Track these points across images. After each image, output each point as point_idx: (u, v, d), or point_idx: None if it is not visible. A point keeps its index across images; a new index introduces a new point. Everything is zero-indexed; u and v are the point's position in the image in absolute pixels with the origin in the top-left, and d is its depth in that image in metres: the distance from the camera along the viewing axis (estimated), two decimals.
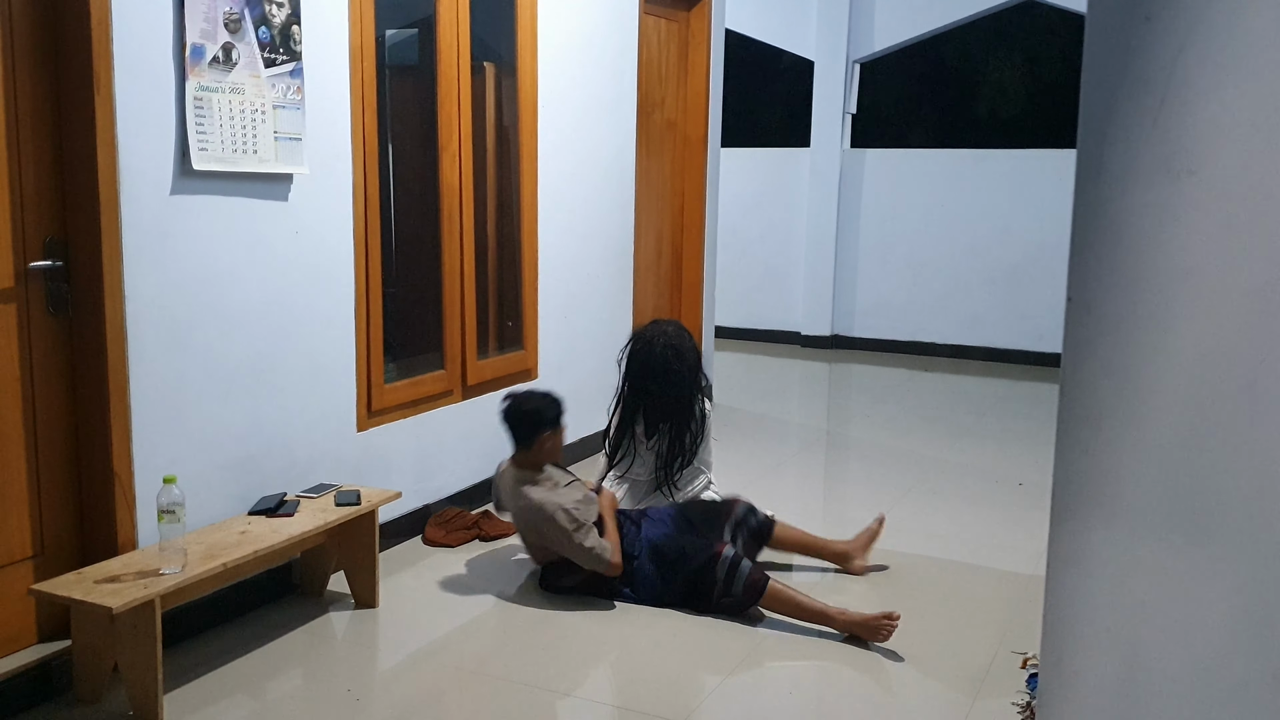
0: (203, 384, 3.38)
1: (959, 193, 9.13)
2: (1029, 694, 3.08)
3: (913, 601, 3.87)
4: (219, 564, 3.05)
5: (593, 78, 5.47)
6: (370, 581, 3.68)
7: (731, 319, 9.63)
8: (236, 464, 3.53)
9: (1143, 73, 1.29)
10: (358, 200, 3.96)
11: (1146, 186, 1.30)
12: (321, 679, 3.21)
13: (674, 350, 4.09)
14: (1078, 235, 1.39)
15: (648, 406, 4.16)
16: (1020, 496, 5.15)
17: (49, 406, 3.05)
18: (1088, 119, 1.35)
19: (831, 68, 9.47)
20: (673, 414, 4.15)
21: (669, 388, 4.11)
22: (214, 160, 3.32)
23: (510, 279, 5.07)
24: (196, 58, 3.24)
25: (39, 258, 3.00)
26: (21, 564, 3.01)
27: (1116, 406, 1.36)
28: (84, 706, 2.95)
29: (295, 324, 3.73)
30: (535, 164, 5.03)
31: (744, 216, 9.76)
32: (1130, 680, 1.42)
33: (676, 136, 6.62)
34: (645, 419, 4.18)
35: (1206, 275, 1.28)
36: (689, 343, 4.19)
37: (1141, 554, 1.38)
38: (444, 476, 4.58)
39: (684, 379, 4.12)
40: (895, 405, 7.52)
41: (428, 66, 4.43)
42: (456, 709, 3.13)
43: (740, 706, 3.10)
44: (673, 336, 4.13)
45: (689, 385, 4.14)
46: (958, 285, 9.17)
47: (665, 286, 6.66)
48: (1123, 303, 1.33)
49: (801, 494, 5.41)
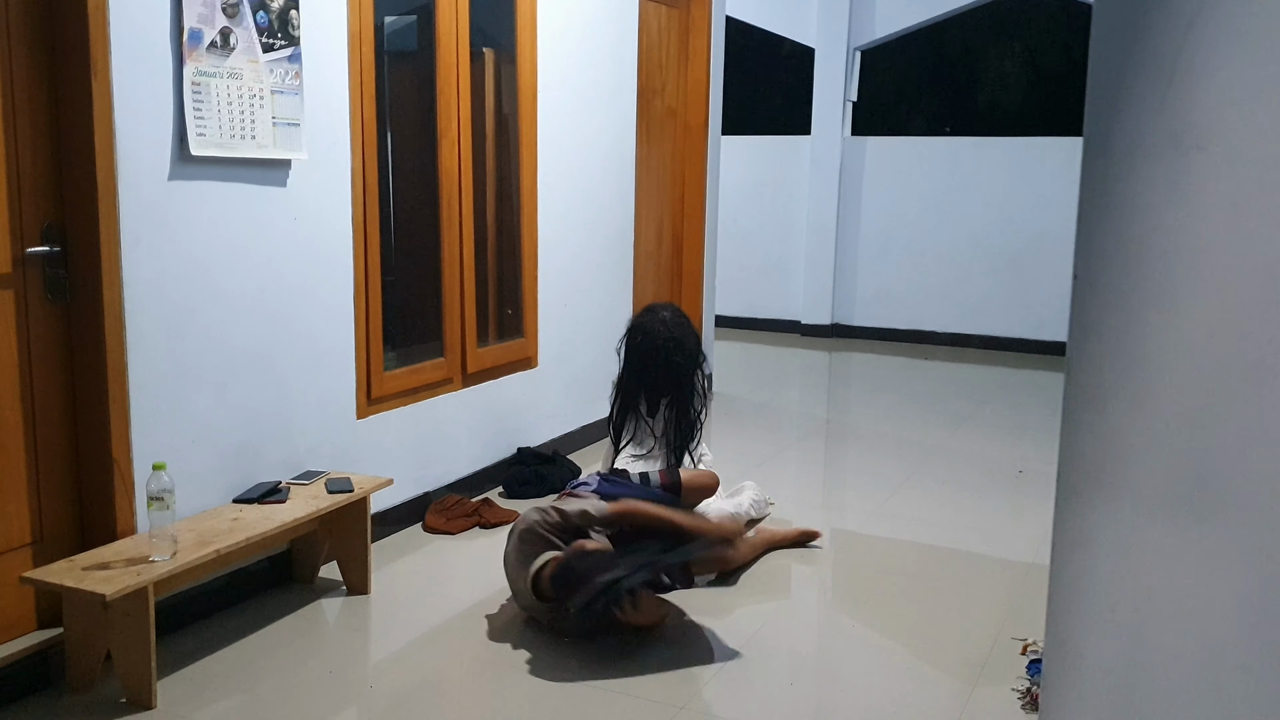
0: (202, 371, 3.37)
1: (960, 181, 9.11)
2: (1029, 680, 3.08)
3: (912, 588, 3.86)
4: (211, 551, 3.04)
5: (593, 65, 5.45)
6: (363, 568, 3.67)
7: (732, 308, 9.62)
8: (236, 451, 3.52)
9: (1152, 48, 1.27)
10: (356, 186, 3.94)
11: (1155, 163, 1.28)
12: (312, 666, 3.20)
13: (675, 342, 4.11)
14: (1084, 212, 1.38)
15: (649, 390, 4.17)
16: (1020, 484, 5.14)
17: (47, 393, 3.04)
18: (1095, 94, 1.34)
19: (832, 55, 9.44)
20: (675, 394, 4.17)
21: (672, 375, 4.12)
22: (212, 146, 3.30)
23: (510, 267, 5.05)
24: (194, 42, 3.22)
25: (37, 243, 2.98)
26: (20, 550, 2.99)
27: (1123, 386, 1.35)
28: (78, 694, 2.95)
29: (294, 311, 3.72)
30: (535, 151, 5.01)
31: (744, 205, 9.74)
32: (1135, 662, 1.41)
33: (677, 124, 6.60)
34: (647, 401, 4.19)
35: (1215, 253, 1.26)
36: (689, 329, 4.20)
37: (1148, 535, 1.37)
38: (444, 464, 4.57)
39: (686, 368, 4.15)
40: (895, 394, 7.51)
41: (427, 53, 4.41)
42: (451, 695, 3.12)
43: (740, 695, 3.09)
44: (673, 326, 4.13)
45: (692, 371, 4.17)
46: (958, 274, 9.15)
47: (665, 275, 6.64)
48: (1129, 281, 1.32)
49: (801, 482, 5.40)
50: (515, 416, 5.05)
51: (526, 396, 5.13)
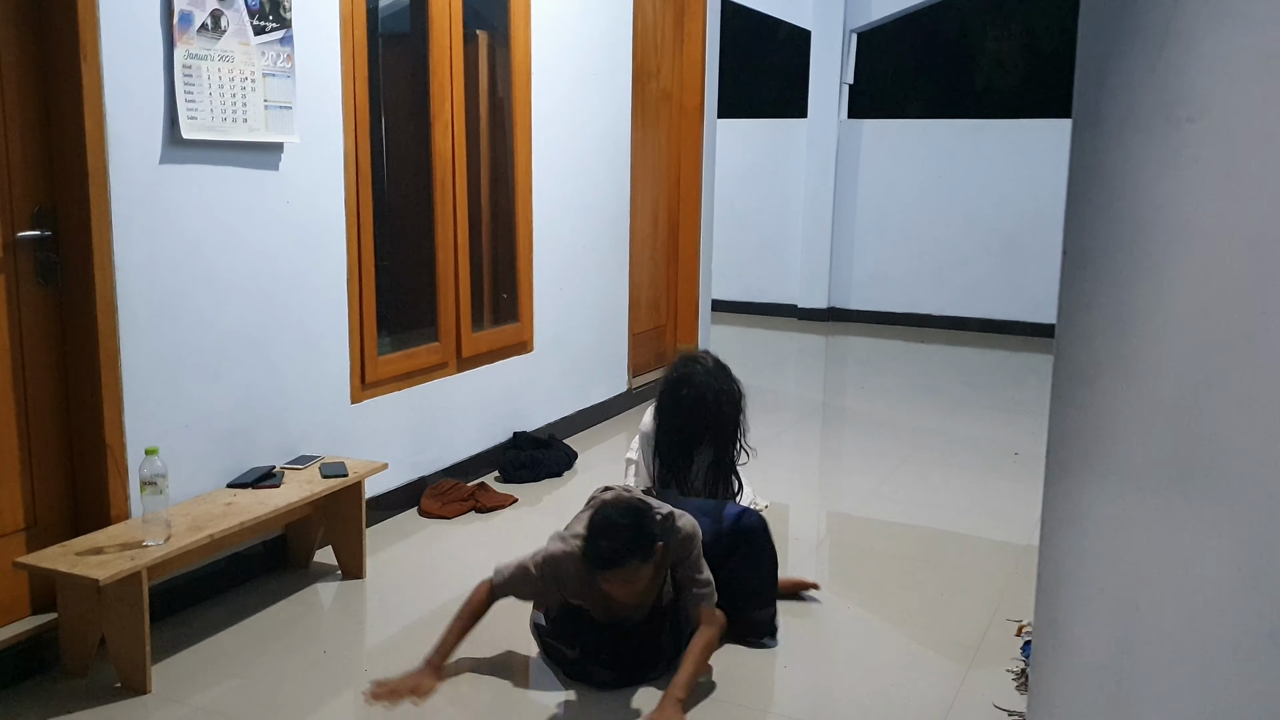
0: (195, 355, 3.35)
1: (956, 163, 9.08)
2: (1024, 662, 3.08)
3: (908, 571, 3.86)
4: (205, 535, 3.04)
5: (587, 46, 5.42)
6: (357, 552, 3.68)
7: (728, 292, 9.60)
8: (229, 436, 3.51)
9: (1142, 17, 1.26)
10: (349, 170, 3.92)
11: (1145, 135, 1.27)
12: (307, 650, 3.20)
13: (725, 394, 3.73)
14: (1074, 187, 1.37)
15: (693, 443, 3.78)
16: (1016, 466, 5.14)
17: (39, 378, 3.03)
18: (1085, 66, 1.32)
19: (829, 38, 9.40)
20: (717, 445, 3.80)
21: (722, 427, 3.77)
22: (204, 129, 3.29)
23: (504, 250, 5.03)
24: (185, 24, 3.20)
25: (27, 228, 2.96)
26: (14, 536, 2.99)
27: (1113, 361, 1.34)
28: (72, 679, 2.95)
29: (287, 295, 3.70)
30: (529, 134, 4.99)
31: (740, 188, 9.71)
32: (1126, 639, 1.40)
33: (672, 107, 6.57)
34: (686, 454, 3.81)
35: (1206, 226, 1.25)
36: (732, 376, 3.83)
37: (1138, 512, 1.36)
38: (439, 448, 4.57)
39: (734, 418, 3.79)
40: (892, 377, 7.50)
41: (420, 35, 4.38)
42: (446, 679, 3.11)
43: (735, 680, 3.09)
44: (719, 377, 3.76)
45: (737, 420, 3.82)
46: (955, 256, 9.14)
47: (661, 259, 6.62)
48: (1120, 255, 1.31)
49: (798, 465, 5.40)
50: (511, 401, 5.05)
51: (522, 381, 5.12)
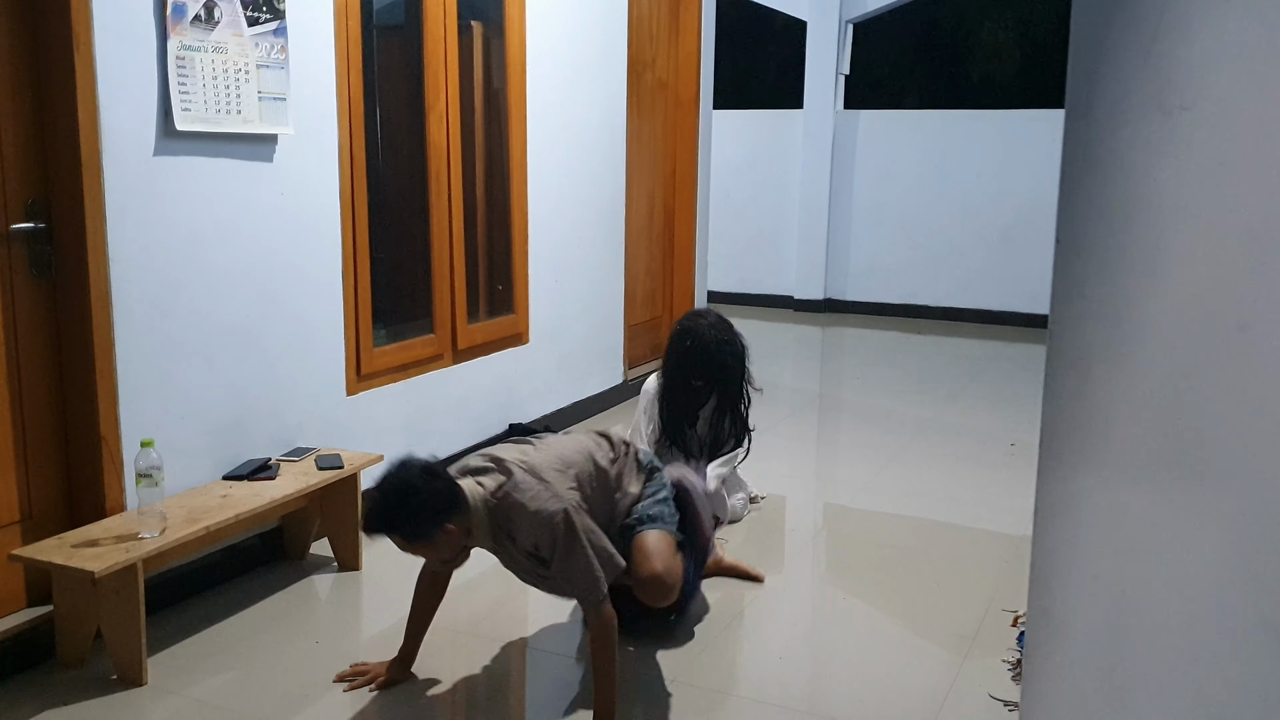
0: (189, 347, 3.35)
1: (953, 154, 9.08)
2: (1020, 652, 3.09)
3: (904, 561, 3.87)
4: (200, 527, 3.03)
5: (582, 37, 5.40)
6: (353, 545, 3.68)
7: (724, 283, 9.60)
8: (225, 428, 3.50)
9: (1135, 7, 1.25)
10: (344, 161, 3.91)
11: (1138, 123, 1.27)
12: (303, 642, 3.20)
13: (726, 345, 4.09)
14: (1067, 175, 1.37)
15: (698, 396, 4.15)
16: (1012, 458, 5.15)
17: (34, 370, 3.02)
18: (1078, 54, 1.32)
19: (824, 28, 9.38)
20: (723, 399, 4.16)
21: (724, 378, 4.11)
22: (197, 121, 3.28)
23: (500, 242, 5.03)
24: (178, 16, 3.18)
25: (21, 220, 2.95)
26: (9, 528, 2.99)
27: (1106, 350, 1.34)
28: (68, 671, 2.95)
29: (282, 286, 3.70)
30: (524, 125, 4.98)
31: (736, 179, 9.70)
32: (1119, 627, 1.41)
33: (668, 97, 6.56)
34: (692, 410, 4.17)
35: (1199, 214, 1.25)
36: (735, 332, 4.19)
37: (1131, 500, 1.37)
38: (435, 441, 4.56)
39: (737, 370, 4.15)
40: (888, 368, 7.50)
41: (414, 25, 4.37)
42: (447, 668, 3.12)
43: (730, 669, 3.10)
44: (720, 329, 4.11)
45: (742, 373, 4.18)
46: (951, 247, 9.14)
47: (657, 250, 6.62)
48: (1113, 243, 1.31)
49: (794, 456, 5.40)
50: (506, 392, 5.04)
51: (517, 372, 5.12)
